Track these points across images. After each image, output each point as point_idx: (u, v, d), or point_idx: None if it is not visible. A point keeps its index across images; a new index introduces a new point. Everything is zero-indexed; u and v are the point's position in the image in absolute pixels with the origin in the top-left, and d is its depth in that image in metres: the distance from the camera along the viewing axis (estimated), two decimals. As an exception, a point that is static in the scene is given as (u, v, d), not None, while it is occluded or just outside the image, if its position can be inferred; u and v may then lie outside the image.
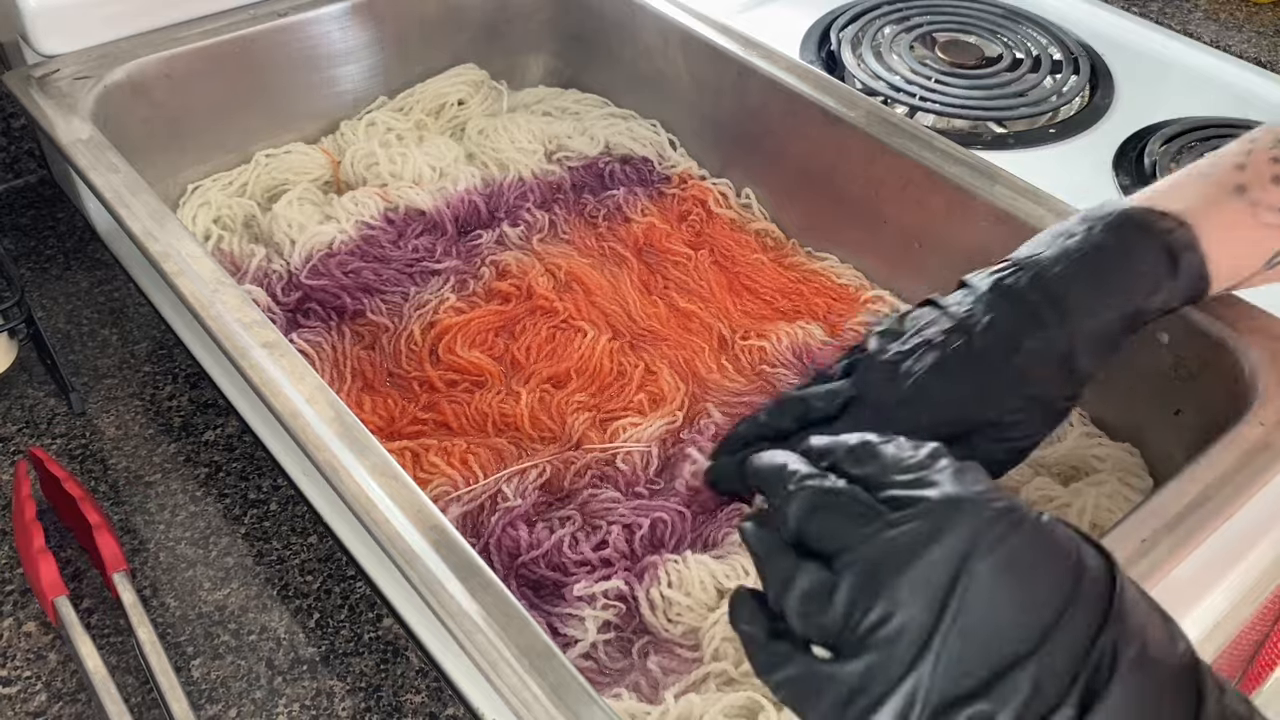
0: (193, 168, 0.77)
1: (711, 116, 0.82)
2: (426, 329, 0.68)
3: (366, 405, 0.63)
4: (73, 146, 0.64)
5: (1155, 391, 0.61)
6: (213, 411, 0.64)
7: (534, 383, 0.65)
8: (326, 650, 0.53)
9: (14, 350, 0.66)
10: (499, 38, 0.90)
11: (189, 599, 0.54)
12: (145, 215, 0.59)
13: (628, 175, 0.81)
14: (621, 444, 0.61)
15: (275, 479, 0.61)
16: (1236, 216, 0.50)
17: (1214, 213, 0.50)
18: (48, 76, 0.70)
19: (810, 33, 0.99)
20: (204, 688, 0.51)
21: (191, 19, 0.75)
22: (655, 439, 0.62)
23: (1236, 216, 0.50)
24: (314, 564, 0.56)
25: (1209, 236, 0.50)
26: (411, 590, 0.44)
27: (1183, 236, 0.50)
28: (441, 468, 0.59)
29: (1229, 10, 1.06)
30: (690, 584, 0.54)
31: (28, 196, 0.80)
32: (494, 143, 0.82)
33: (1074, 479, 0.60)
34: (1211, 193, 0.51)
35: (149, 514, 0.58)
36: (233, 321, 0.54)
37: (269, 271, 0.70)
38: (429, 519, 0.45)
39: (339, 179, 0.80)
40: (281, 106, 0.80)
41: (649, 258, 0.76)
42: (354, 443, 0.48)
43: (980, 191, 0.66)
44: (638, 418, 0.63)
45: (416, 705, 0.51)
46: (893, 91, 0.90)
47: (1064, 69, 0.96)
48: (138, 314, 0.71)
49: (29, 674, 0.51)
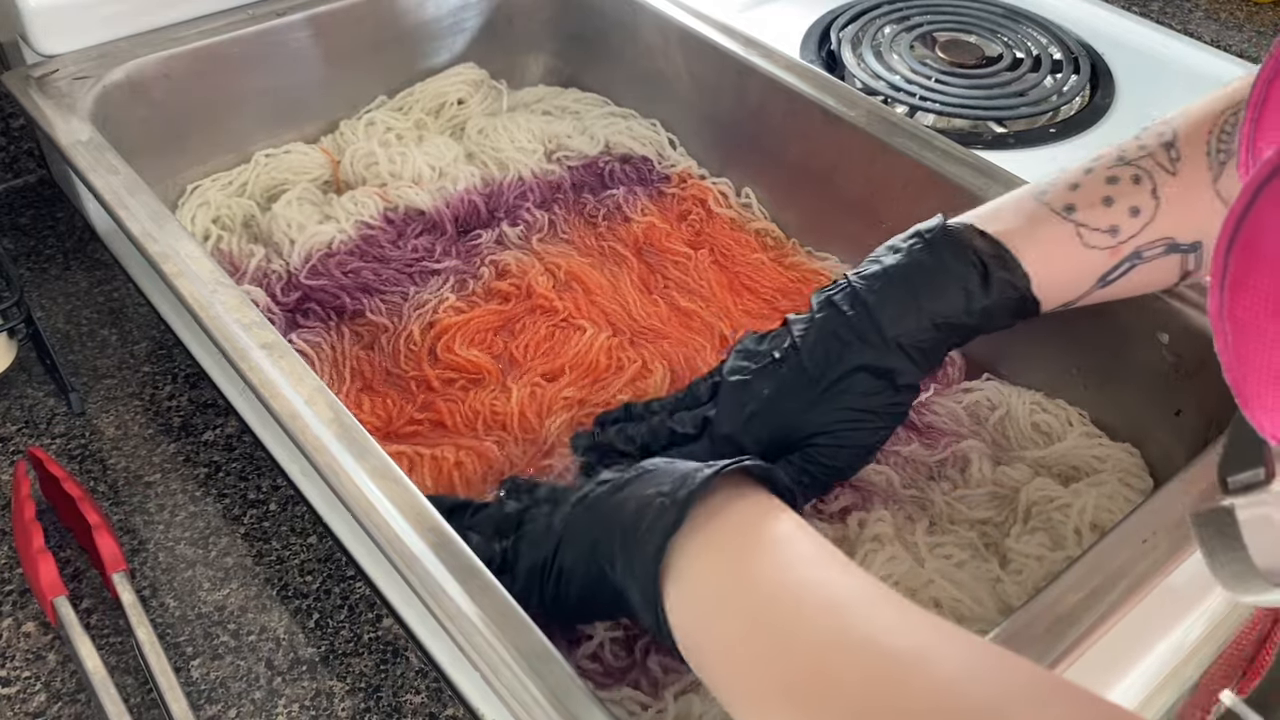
0: (192, 168, 0.77)
1: (711, 116, 0.82)
2: (426, 329, 0.68)
3: (365, 406, 0.63)
4: (72, 147, 0.64)
5: (1155, 391, 0.61)
6: (212, 412, 0.64)
7: (528, 379, 0.65)
8: (326, 650, 0.53)
9: (13, 350, 0.66)
10: (499, 37, 0.90)
11: (188, 599, 0.54)
12: (144, 215, 0.59)
13: (627, 174, 0.81)
14: None
15: (275, 479, 0.61)
16: (1059, 235, 0.52)
17: (1036, 232, 0.52)
18: (47, 76, 0.69)
19: (810, 32, 0.99)
20: (203, 688, 0.51)
21: (191, 19, 0.75)
22: None
23: (1059, 235, 0.52)
24: (314, 564, 0.56)
25: (1028, 256, 0.52)
26: (411, 591, 0.44)
27: (995, 253, 0.52)
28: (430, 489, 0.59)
29: (1229, 10, 1.06)
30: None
31: (27, 196, 0.80)
32: (494, 142, 0.82)
33: (1074, 479, 0.60)
34: (1039, 213, 0.52)
35: (148, 514, 0.58)
36: (232, 322, 0.53)
37: (268, 271, 0.70)
38: (428, 521, 0.45)
39: (338, 179, 0.80)
40: (281, 106, 0.80)
41: (649, 257, 0.76)
42: (353, 444, 0.48)
43: (980, 191, 0.66)
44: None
45: (416, 706, 0.51)
46: (893, 91, 0.90)
47: (1064, 68, 0.96)
48: (137, 314, 0.71)
49: (28, 674, 0.51)
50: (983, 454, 0.61)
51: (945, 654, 0.35)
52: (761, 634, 0.39)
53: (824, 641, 0.37)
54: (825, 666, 0.36)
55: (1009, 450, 0.63)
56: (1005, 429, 0.64)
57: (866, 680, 0.35)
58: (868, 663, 0.36)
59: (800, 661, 0.37)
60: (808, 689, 0.36)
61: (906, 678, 0.35)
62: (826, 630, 0.37)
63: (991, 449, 0.63)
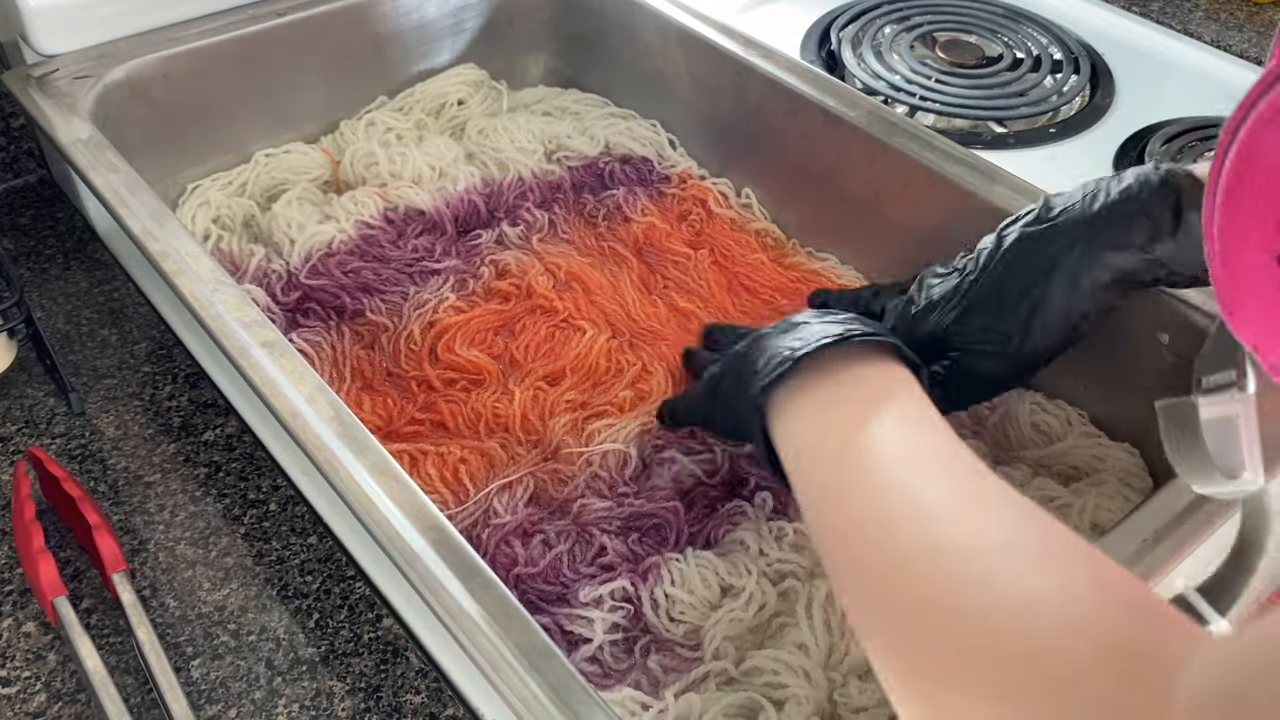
0: (192, 167, 0.77)
1: (711, 116, 0.82)
2: (426, 328, 0.68)
3: (366, 405, 0.63)
4: (72, 146, 0.64)
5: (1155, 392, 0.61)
6: (212, 411, 0.64)
7: (529, 381, 0.65)
8: (326, 650, 0.53)
9: (13, 350, 0.66)
10: (499, 38, 0.90)
11: (188, 599, 0.54)
12: (145, 215, 0.59)
13: (627, 175, 0.81)
14: (595, 448, 0.61)
15: (275, 479, 0.61)
16: None
17: None
18: (47, 76, 0.69)
19: (810, 32, 0.99)
20: (203, 688, 0.51)
21: (190, 19, 0.75)
22: (633, 438, 0.61)
23: None
24: (314, 564, 0.56)
25: None
26: (411, 590, 0.44)
27: (1193, 194, 0.49)
28: (434, 483, 0.59)
29: (1229, 10, 1.06)
30: (693, 581, 0.54)
31: (27, 196, 0.80)
32: (494, 142, 0.82)
33: (1074, 479, 0.60)
34: None
35: (148, 514, 0.58)
36: (232, 321, 0.53)
37: (268, 271, 0.70)
38: (429, 519, 0.45)
39: (338, 179, 0.80)
40: (281, 106, 0.80)
41: (649, 257, 0.76)
42: (353, 442, 0.48)
43: (980, 191, 0.66)
44: (614, 419, 0.63)
45: (416, 705, 0.51)
46: (893, 91, 0.90)
47: (1064, 69, 0.96)
48: (137, 314, 0.71)
49: (28, 674, 0.51)
50: (983, 454, 0.61)
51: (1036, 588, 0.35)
52: (838, 507, 0.42)
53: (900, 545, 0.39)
54: (896, 569, 0.38)
55: (1009, 450, 0.63)
56: (1005, 429, 0.64)
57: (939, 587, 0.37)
58: (940, 575, 0.37)
59: (871, 555, 0.40)
60: (874, 574, 0.39)
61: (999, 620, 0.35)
62: (901, 537, 0.39)
63: (991, 449, 0.63)
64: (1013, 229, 0.54)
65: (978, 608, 0.35)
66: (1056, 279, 0.52)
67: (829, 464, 0.44)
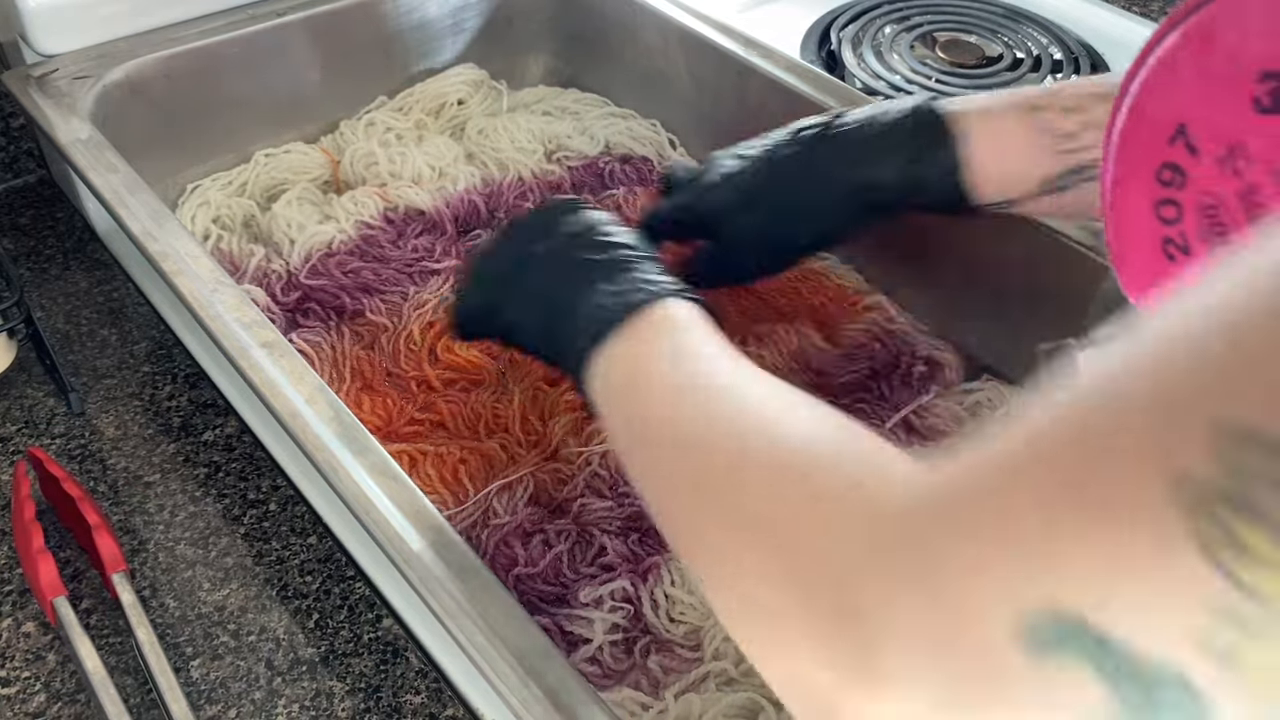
0: (192, 167, 0.77)
1: (711, 116, 0.82)
2: (426, 329, 0.68)
3: (365, 405, 0.63)
4: (71, 146, 0.64)
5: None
6: (212, 411, 0.64)
7: (529, 381, 0.65)
8: (326, 651, 0.53)
9: (13, 350, 0.66)
10: (499, 38, 0.90)
11: (188, 599, 0.54)
12: (144, 215, 0.59)
13: (628, 175, 0.81)
14: (595, 447, 0.61)
15: (274, 479, 0.61)
16: (1014, 127, 0.54)
17: (993, 119, 0.54)
18: (47, 76, 0.69)
19: (810, 32, 0.99)
20: (203, 688, 0.51)
21: (190, 19, 0.75)
22: None
23: (1014, 127, 0.54)
24: (313, 564, 0.56)
25: (978, 137, 0.54)
26: (411, 591, 0.44)
27: (943, 126, 0.54)
28: (434, 483, 0.59)
29: (1229, 10, 1.06)
30: (693, 581, 0.54)
31: (27, 196, 0.80)
32: (494, 142, 0.82)
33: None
34: (1001, 103, 0.55)
35: (148, 514, 0.58)
36: (232, 321, 0.53)
37: (268, 271, 0.70)
38: (428, 519, 0.45)
39: (338, 179, 0.80)
40: (281, 106, 0.80)
41: (649, 257, 0.76)
42: (353, 443, 0.48)
43: (980, 191, 0.65)
44: None
45: (416, 706, 0.51)
46: (893, 91, 0.90)
47: (1064, 69, 0.96)
48: (137, 314, 0.71)
49: (28, 674, 0.51)
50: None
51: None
52: (668, 426, 0.40)
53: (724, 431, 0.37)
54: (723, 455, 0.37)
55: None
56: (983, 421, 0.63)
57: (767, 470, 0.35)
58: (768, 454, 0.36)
59: (667, 451, 0.39)
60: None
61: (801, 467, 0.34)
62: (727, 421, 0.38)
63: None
64: (803, 133, 0.58)
65: (759, 461, 0.34)
66: (810, 186, 0.57)
67: (640, 391, 0.43)
